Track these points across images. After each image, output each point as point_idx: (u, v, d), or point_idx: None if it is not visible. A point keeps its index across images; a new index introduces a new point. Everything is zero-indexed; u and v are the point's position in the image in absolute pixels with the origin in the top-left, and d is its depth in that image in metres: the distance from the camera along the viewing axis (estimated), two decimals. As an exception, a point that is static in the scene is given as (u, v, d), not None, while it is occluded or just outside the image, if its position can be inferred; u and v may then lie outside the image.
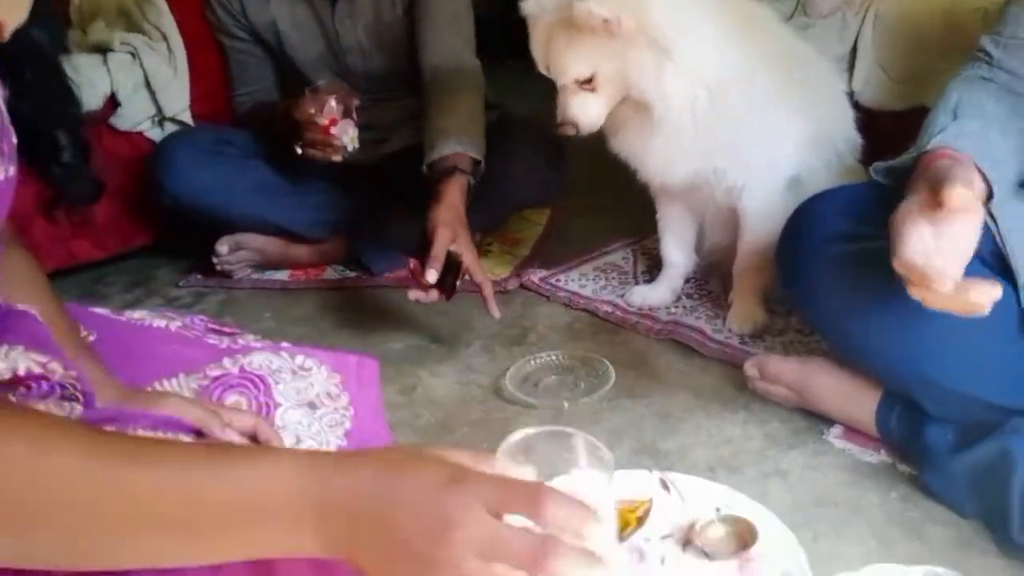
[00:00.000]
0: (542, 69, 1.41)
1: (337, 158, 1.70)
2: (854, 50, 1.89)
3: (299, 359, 1.01)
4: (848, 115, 1.61)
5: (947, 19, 1.74)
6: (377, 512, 0.48)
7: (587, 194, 2.20)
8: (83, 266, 2.01)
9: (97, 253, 2.01)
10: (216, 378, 0.93)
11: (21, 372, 0.68)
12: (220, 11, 1.86)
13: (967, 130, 1.00)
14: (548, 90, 1.45)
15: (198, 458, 0.50)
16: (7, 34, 0.58)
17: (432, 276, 1.44)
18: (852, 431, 1.23)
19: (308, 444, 0.94)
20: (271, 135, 1.82)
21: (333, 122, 1.67)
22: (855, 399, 1.22)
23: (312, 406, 0.99)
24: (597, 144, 1.55)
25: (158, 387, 0.90)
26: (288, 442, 0.92)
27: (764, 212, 1.45)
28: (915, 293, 0.89)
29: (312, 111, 1.67)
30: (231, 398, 0.92)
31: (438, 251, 1.44)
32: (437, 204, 1.50)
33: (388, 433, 1.16)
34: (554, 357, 1.50)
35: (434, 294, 1.47)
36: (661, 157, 1.47)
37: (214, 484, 0.48)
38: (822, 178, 1.49)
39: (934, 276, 0.86)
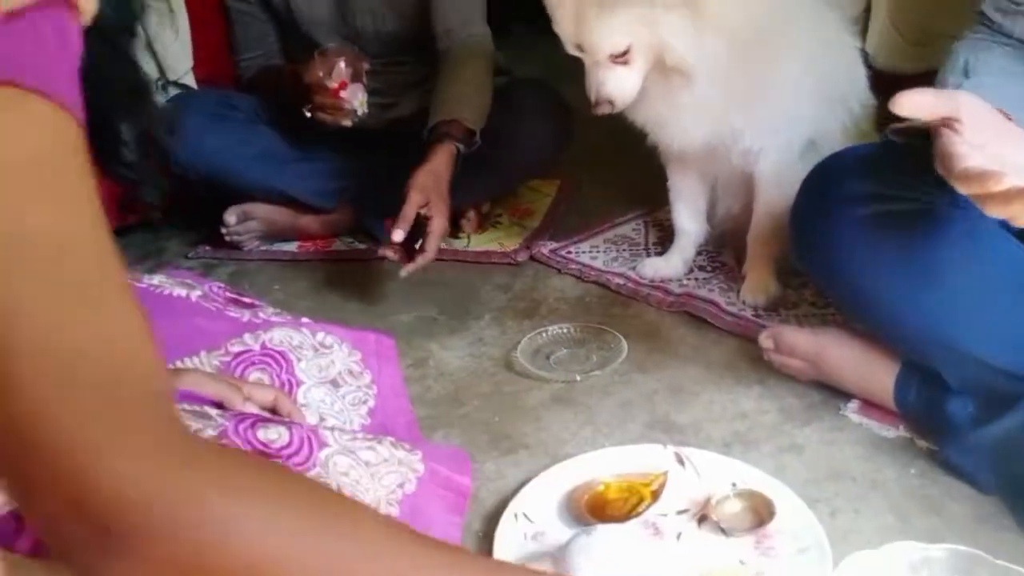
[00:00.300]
0: (571, 48, 1.36)
1: (347, 122, 1.69)
2: (867, 10, 1.85)
3: (319, 336, 1.00)
4: (862, 75, 1.57)
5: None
6: None
7: (597, 166, 2.17)
8: (91, 239, 1.99)
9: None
10: (238, 354, 0.93)
11: None
12: None
13: (984, 84, 0.97)
14: (555, 56, 1.42)
15: None
16: (88, 17, 0.53)
17: (398, 236, 1.48)
18: (869, 405, 1.21)
19: (331, 422, 0.93)
20: (279, 99, 1.80)
21: (343, 86, 1.65)
22: (872, 372, 1.20)
23: (335, 384, 0.99)
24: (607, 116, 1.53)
25: (179, 365, 0.90)
26: (311, 420, 0.91)
27: (779, 176, 1.42)
28: (986, 205, 0.80)
29: (321, 74, 1.65)
30: (253, 374, 0.92)
31: (407, 212, 1.49)
32: (418, 168, 1.54)
33: (410, 410, 1.15)
34: (566, 330, 1.49)
35: (401, 253, 1.51)
36: (680, 120, 1.43)
37: None
38: (837, 143, 1.45)
39: (993, 173, 0.79)
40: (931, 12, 1.72)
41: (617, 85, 1.34)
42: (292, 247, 1.94)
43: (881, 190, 1.03)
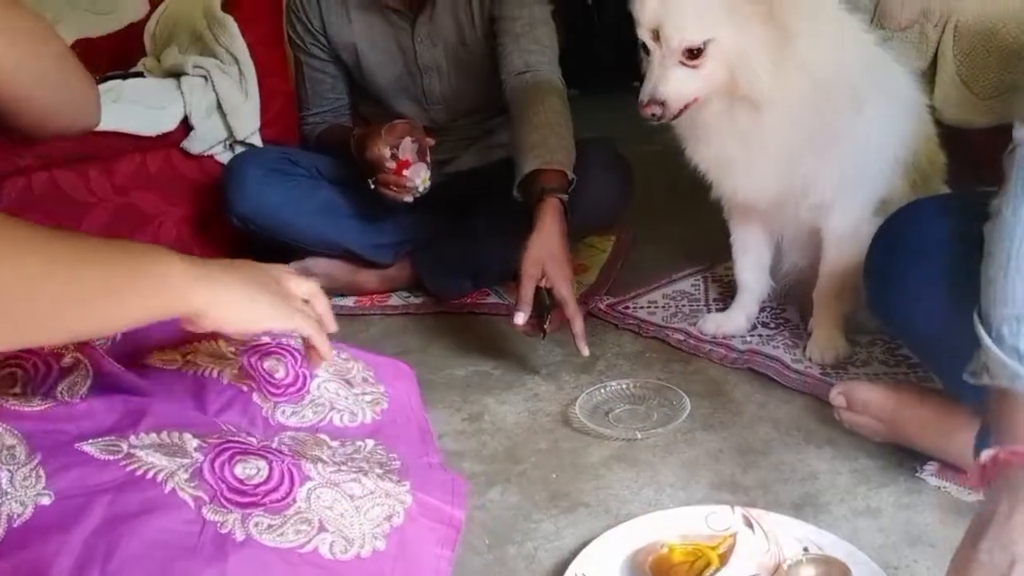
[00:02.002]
0: (646, 35, 1.25)
1: (408, 199, 1.70)
2: (934, 64, 1.82)
3: (335, 350, 0.99)
4: (933, 132, 1.54)
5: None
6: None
7: (651, 220, 2.16)
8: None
9: (167, 277, 2.04)
10: (254, 346, 0.91)
11: None
12: (299, 27, 1.89)
13: None
14: (611, 119, 1.41)
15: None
16: None
17: (519, 319, 1.43)
18: (948, 467, 1.15)
19: (341, 414, 0.91)
20: (346, 158, 1.83)
21: (407, 164, 1.67)
22: (951, 432, 1.13)
23: (349, 384, 0.97)
24: (663, 169, 1.51)
25: (196, 345, 0.89)
26: (322, 410, 0.89)
27: (850, 234, 1.38)
28: None
29: (388, 152, 1.67)
30: (267, 362, 0.91)
31: (523, 294, 1.44)
32: (529, 237, 1.46)
33: (427, 421, 1.11)
34: (625, 386, 1.45)
35: (528, 327, 1.46)
36: (747, 166, 1.38)
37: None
38: (907, 200, 1.42)
39: None
40: (1002, 66, 1.68)
41: (675, 86, 1.25)
42: (350, 301, 1.95)
43: (963, 232, 0.98)
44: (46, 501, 0.65)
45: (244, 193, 1.80)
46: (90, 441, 0.70)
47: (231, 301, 0.72)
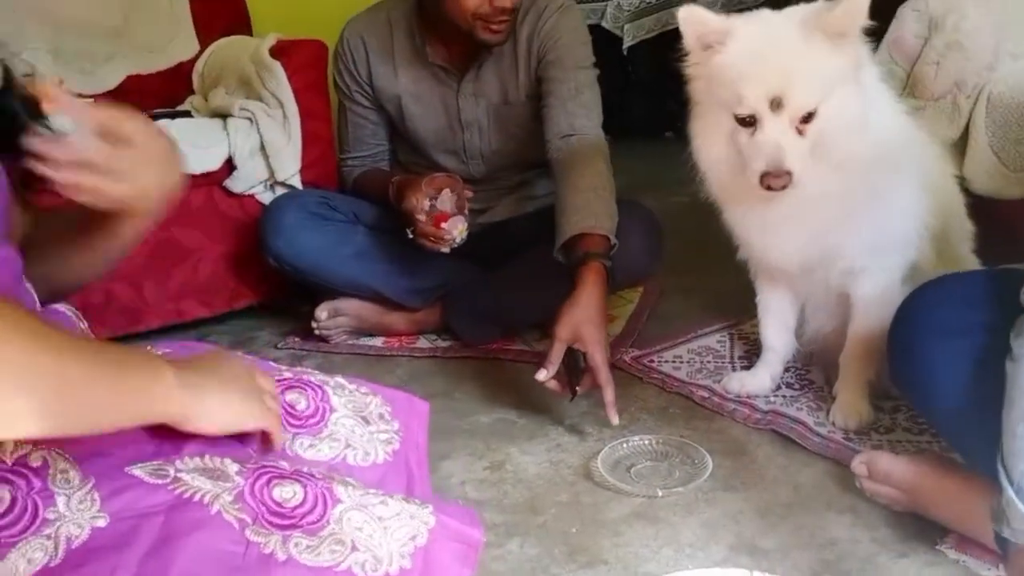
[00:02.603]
0: (759, 101, 1.22)
1: (445, 250, 1.74)
2: (965, 134, 1.84)
3: (354, 385, 1.02)
4: (961, 202, 1.56)
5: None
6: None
7: (681, 274, 2.18)
8: (189, 323, 2.09)
9: (203, 311, 2.10)
10: (278, 380, 0.95)
11: None
12: (347, 76, 1.94)
13: None
14: (642, 167, 1.42)
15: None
16: None
17: (540, 375, 1.46)
18: (968, 541, 1.15)
19: (356, 451, 0.95)
20: (382, 202, 1.87)
21: (445, 217, 1.71)
22: (972, 507, 1.13)
23: (366, 420, 1.00)
24: (692, 221, 1.53)
25: None
26: (338, 446, 0.93)
27: (879, 299, 1.38)
28: None
29: (427, 203, 1.71)
30: (290, 395, 0.94)
31: (552, 356, 1.47)
32: (568, 300, 1.48)
33: (427, 469, 1.13)
34: (647, 442, 1.46)
35: (555, 384, 1.49)
36: (786, 231, 1.39)
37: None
38: (937, 267, 1.44)
39: None
40: (1035, 139, 1.69)
41: (797, 154, 1.22)
42: (378, 342, 1.98)
43: (981, 320, 1.00)
44: (101, 523, 0.68)
45: (281, 236, 1.85)
46: (139, 465, 0.74)
47: (208, 410, 0.80)
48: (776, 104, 1.22)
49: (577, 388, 1.48)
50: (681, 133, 1.43)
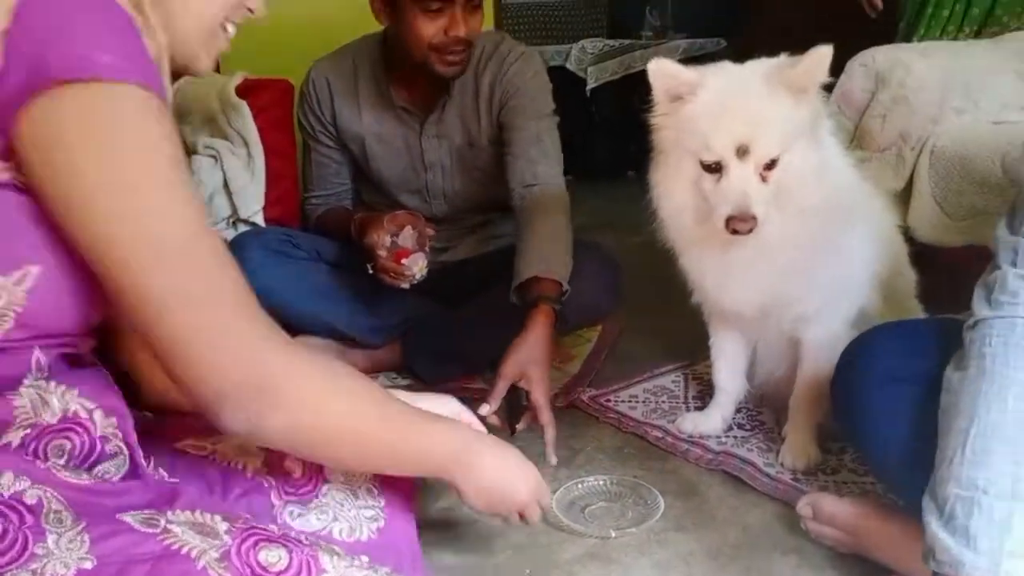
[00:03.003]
0: (726, 149, 1.26)
1: (405, 286, 1.77)
2: (909, 185, 1.91)
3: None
4: (904, 251, 1.62)
5: (1006, 158, 1.75)
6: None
7: (639, 313, 2.21)
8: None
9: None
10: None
11: (69, 413, 0.78)
12: (311, 116, 1.97)
13: None
14: (603, 206, 1.46)
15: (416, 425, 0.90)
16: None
17: (483, 409, 1.48)
18: (910, 583, 1.18)
19: (341, 525, 0.97)
20: (345, 240, 1.89)
21: (406, 253, 1.74)
22: (913, 549, 1.15)
23: (354, 494, 1.01)
24: (649, 260, 1.56)
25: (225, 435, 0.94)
26: (325, 518, 0.96)
27: (828, 345, 1.42)
28: None
29: (388, 239, 1.74)
30: (287, 461, 0.96)
31: (496, 391, 1.53)
32: (517, 340, 1.55)
33: (415, 535, 1.15)
34: (602, 482, 1.49)
35: (496, 420, 1.53)
36: (742, 277, 1.43)
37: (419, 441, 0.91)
38: (882, 314, 1.49)
39: None
40: (975, 190, 1.77)
41: (762, 201, 1.27)
42: (338, 379, 1.98)
43: (920, 367, 1.04)
44: (88, 565, 0.69)
45: (244, 273, 1.85)
46: (131, 513, 0.75)
47: (476, 489, 0.98)
48: (742, 151, 1.27)
49: (517, 426, 1.54)
50: (643, 173, 1.47)
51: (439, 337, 1.90)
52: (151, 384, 0.97)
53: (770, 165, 1.28)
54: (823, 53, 1.22)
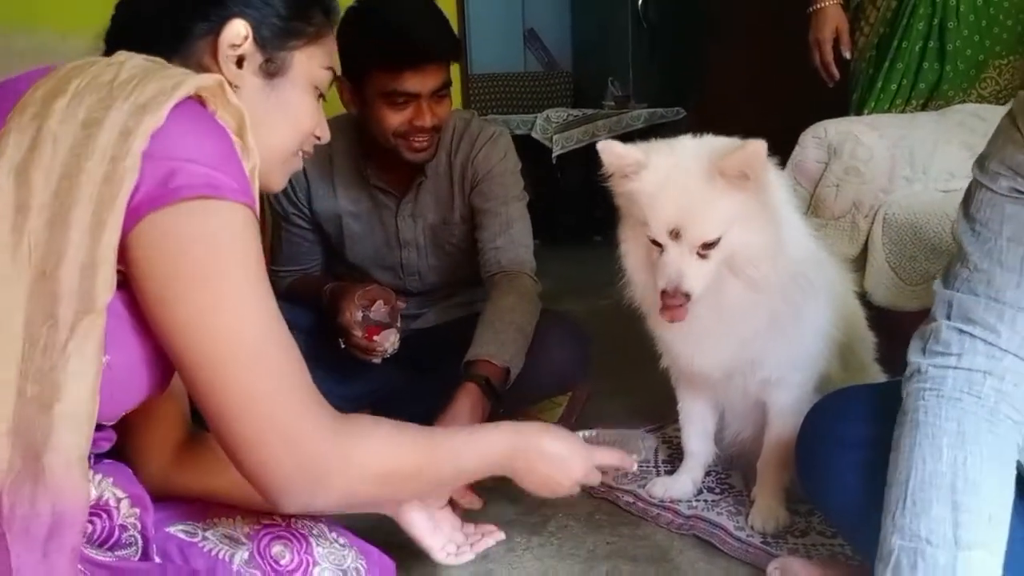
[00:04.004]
0: (660, 234, 1.32)
1: (377, 361, 1.78)
2: (864, 251, 1.98)
3: (334, 534, 1.04)
4: (862, 315, 1.67)
5: (955, 225, 1.82)
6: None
7: (608, 376, 2.24)
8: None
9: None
10: (266, 525, 0.98)
11: (101, 500, 0.85)
12: (285, 202, 1.96)
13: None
14: (569, 270, 1.49)
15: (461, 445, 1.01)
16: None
17: None
18: (879, 645, 1.19)
19: None
20: (314, 308, 1.90)
21: (377, 330, 1.76)
22: (881, 610, 1.19)
23: (345, 573, 1.01)
24: (617, 324, 1.60)
25: (216, 522, 0.99)
26: None
27: (793, 409, 1.46)
28: None
29: (359, 314, 1.76)
30: (276, 547, 0.97)
31: None
32: (439, 415, 1.61)
33: None
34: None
35: None
36: (712, 342, 1.45)
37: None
38: (843, 377, 1.53)
39: None
40: (927, 256, 1.83)
41: (696, 278, 1.31)
42: (308, 448, 1.97)
43: (878, 433, 1.08)
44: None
45: None
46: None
47: (532, 483, 1.08)
48: (675, 234, 1.31)
49: None
50: (609, 238, 1.51)
51: (408, 405, 1.90)
52: (149, 470, 1.00)
53: (707, 246, 1.32)
54: (756, 148, 1.25)
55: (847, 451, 1.12)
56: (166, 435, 1.05)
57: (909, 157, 2.01)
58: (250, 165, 0.86)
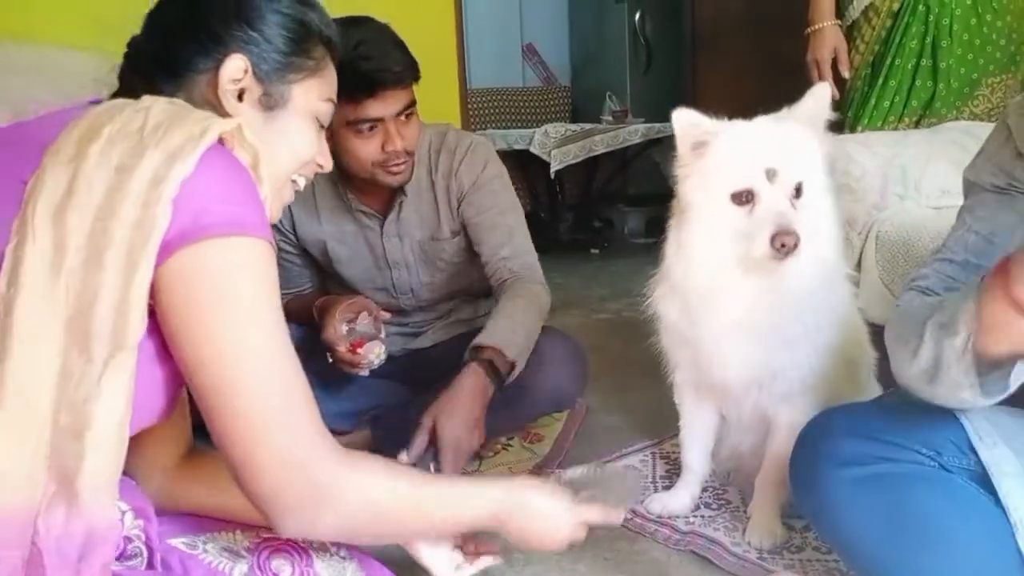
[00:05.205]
0: (757, 175, 1.30)
1: (365, 373, 1.82)
2: (858, 268, 2.00)
3: (334, 547, 1.06)
4: (865, 332, 1.68)
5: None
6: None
7: (605, 391, 2.25)
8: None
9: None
10: (266, 539, 0.99)
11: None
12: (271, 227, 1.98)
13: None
14: (568, 283, 1.50)
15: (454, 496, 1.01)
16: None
17: (402, 457, 1.55)
18: (874, 661, 1.21)
19: None
20: (307, 326, 1.92)
21: (361, 342, 1.79)
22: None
23: None
24: (616, 337, 1.62)
25: (215, 535, 1.01)
26: None
27: (797, 424, 1.40)
28: None
29: (343, 328, 1.79)
30: (275, 561, 0.99)
31: (414, 441, 1.58)
32: (443, 392, 1.62)
33: None
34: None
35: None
36: (737, 352, 1.44)
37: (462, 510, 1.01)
38: (847, 394, 1.53)
39: None
40: (918, 272, 1.85)
41: (798, 221, 1.28)
42: (308, 465, 1.98)
43: (873, 450, 1.10)
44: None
45: None
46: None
47: (522, 539, 1.07)
48: (771, 174, 1.31)
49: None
50: (607, 252, 1.53)
51: (408, 422, 1.92)
52: (151, 485, 1.02)
53: (797, 192, 1.33)
54: (823, 89, 1.38)
55: (837, 468, 1.14)
56: (168, 452, 1.07)
57: (901, 174, 2.04)
58: (262, 195, 0.90)
